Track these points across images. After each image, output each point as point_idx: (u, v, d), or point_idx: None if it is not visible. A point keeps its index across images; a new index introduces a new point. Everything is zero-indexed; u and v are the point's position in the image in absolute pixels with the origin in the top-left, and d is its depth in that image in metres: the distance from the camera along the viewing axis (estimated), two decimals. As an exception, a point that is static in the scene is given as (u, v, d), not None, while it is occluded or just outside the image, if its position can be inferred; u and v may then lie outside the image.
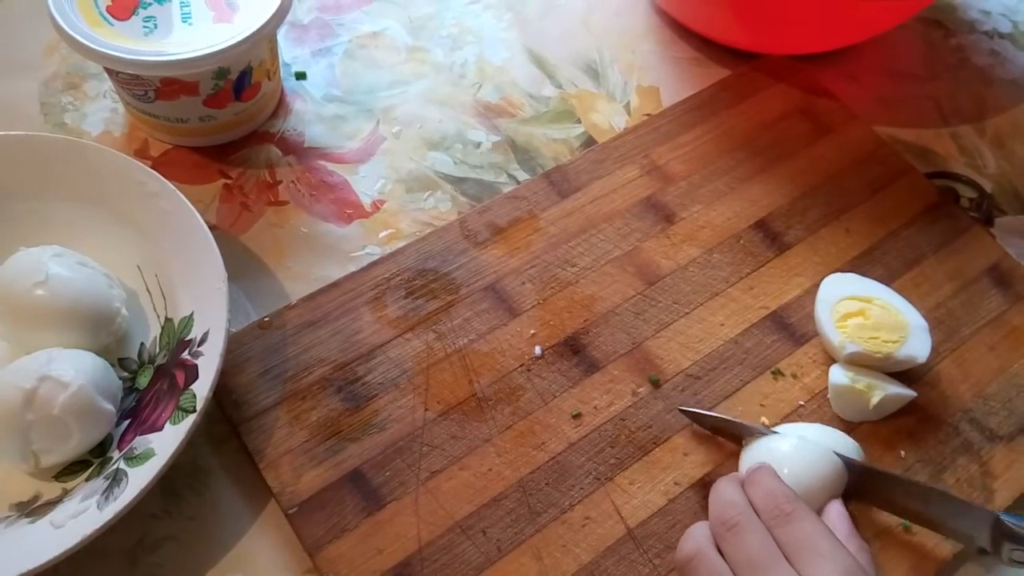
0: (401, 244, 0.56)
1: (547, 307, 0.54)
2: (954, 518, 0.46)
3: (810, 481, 0.46)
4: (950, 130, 0.67)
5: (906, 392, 0.51)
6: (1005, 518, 0.44)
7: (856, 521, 0.48)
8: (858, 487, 0.47)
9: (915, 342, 0.52)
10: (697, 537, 0.43)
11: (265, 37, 0.54)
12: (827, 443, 0.47)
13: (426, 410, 0.50)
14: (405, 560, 0.45)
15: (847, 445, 0.48)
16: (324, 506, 0.46)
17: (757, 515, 0.43)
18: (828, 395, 0.52)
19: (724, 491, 0.45)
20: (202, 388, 0.45)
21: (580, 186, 0.59)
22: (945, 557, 0.47)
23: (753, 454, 0.48)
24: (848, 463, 0.47)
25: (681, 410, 0.50)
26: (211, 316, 0.47)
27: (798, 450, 0.47)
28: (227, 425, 0.49)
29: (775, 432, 0.48)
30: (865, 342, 0.51)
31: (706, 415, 0.50)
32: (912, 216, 0.60)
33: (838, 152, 0.62)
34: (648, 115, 0.64)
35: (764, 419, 0.51)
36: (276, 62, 0.60)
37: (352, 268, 0.55)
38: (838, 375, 0.51)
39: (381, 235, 0.58)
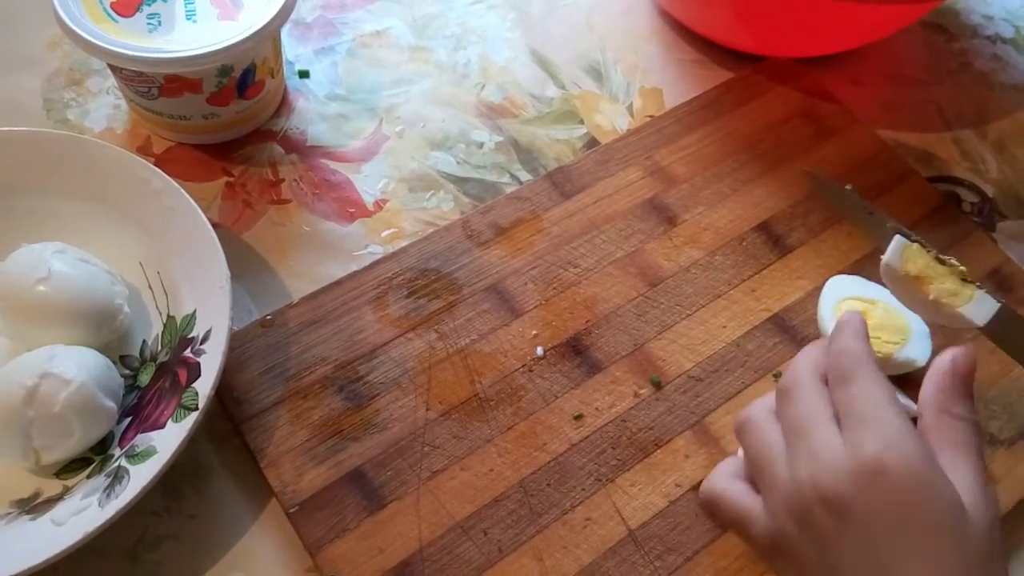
0: (403, 243, 0.56)
1: (549, 308, 0.54)
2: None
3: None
4: (952, 134, 0.67)
5: (912, 407, 0.50)
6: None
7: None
8: None
9: (915, 345, 0.52)
10: (754, 405, 0.44)
11: (269, 35, 0.54)
12: None
13: (427, 410, 0.50)
14: (406, 560, 0.45)
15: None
16: (325, 505, 0.46)
17: (829, 369, 0.42)
18: None
19: (795, 361, 0.43)
20: (204, 386, 0.45)
21: (583, 187, 0.59)
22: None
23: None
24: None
25: (807, 171, 0.51)
26: (213, 314, 0.47)
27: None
28: (229, 423, 0.49)
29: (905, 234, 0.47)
30: None
31: (832, 185, 0.49)
32: (914, 220, 0.60)
33: (840, 155, 0.62)
34: (651, 117, 0.64)
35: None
36: (279, 60, 0.60)
37: (354, 267, 0.55)
38: None
39: (383, 234, 0.58)
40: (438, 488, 0.47)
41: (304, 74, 0.64)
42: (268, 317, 0.52)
